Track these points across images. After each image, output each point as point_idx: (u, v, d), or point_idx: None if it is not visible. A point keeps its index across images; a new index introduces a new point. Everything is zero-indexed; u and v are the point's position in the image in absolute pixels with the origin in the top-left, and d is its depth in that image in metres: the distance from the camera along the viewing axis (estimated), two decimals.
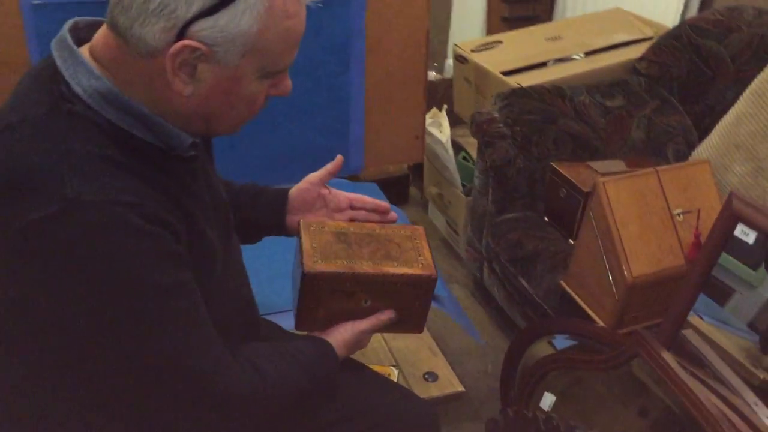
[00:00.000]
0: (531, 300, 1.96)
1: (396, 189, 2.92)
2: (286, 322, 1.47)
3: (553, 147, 2.10)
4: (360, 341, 1.16)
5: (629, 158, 2.15)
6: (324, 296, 1.09)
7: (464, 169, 2.49)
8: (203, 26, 0.82)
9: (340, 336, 1.13)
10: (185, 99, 0.88)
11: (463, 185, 2.49)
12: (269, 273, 1.60)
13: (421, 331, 1.18)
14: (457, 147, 2.63)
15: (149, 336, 0.86)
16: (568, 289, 1.81)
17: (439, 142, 2.33)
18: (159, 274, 0.86)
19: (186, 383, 0.90)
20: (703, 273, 1.43)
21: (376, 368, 1.39)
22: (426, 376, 1.47)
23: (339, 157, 1.20)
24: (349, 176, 2.11)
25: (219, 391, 0.92)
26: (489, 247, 2.15)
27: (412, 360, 1.49)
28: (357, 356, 1.27)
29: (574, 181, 1.93)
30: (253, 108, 0.95)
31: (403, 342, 1.52)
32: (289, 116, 1.93)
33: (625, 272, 1.61)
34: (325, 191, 1.21)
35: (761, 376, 1.69)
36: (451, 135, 2.63)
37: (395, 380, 1.41)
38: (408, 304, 1.15)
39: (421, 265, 1.12)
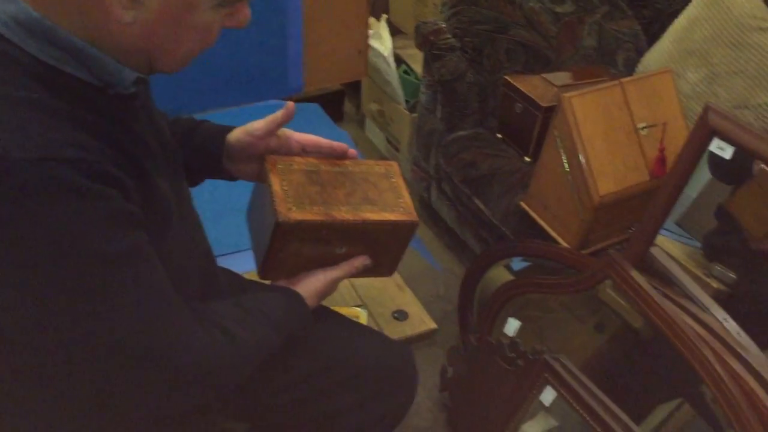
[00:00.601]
0: (487, 222, 1.88)
1: (330, 106, 2.75)
2: (241, 265, 1.34)
3: (506, 58, 1.98)
4: (331, 289, 1.06)
5: (581, 68, 2.06)
6: (296, 245, 0.97)
7: (406, 83, 2.35)
8: None
9: (311, 286, 1.02)
10: (125, 28, 0.71)
11: (406, 101, 2.36)
12: (215, 210, 1.45)
13: (391, 275, 1.08)
14: (397, 60, 2.47)
15: (105, 313, 0.72)
16: (529, 210, 1.74)
17: (381, 55, 2.17)
18: (109, 240, 0.71)
19: (151, 361, 0.77)
20: (675, 190, 1.37)
21: (344, 311, 1.29)
22: (395, 315, 1.38)
23: (290, 105, 1.02)
24: (288, 97, 1.93)
25: (189, 365, 0.80)
26: (439, 167, 2.05)
27: (379, 298, 1.39)
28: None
29: (531, 96, 1.82)
30: (205, 41, 0.80)
31: (368, 279, 1.42)
32: (222, 32, 1.72)
33: (592, 191, 1.55)
34: (273, 141, 1.05)
35: (714, 285, 1.69)
36: (393, 47, 2.47)
37: (365, 322, 1.31)
38: (385, 249, 1.05)
39: (402, 210, 1.01)
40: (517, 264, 1.88)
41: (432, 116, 2.07)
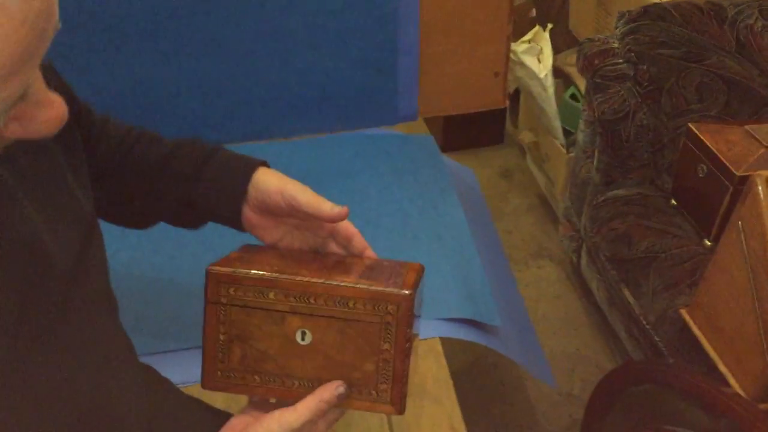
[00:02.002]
0: (637, 320, 1.37)
1: (488, 125, 2.32)
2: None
3: (696, 97, 1.43)
4: None
5: None
6: (236, 320, 0.67)
7: (572, 111, 1.85)
8: None
9: None
10: None
11: (570, 133, 1.86)
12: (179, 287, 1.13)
13: (400, 411, 0.68)
14: (566, 80, 1.97)
15: None
16: (692, 325, 1.21)
17: (536, 76, 1.70)
18: None
19: None
20: None
21: None
22: None
23: (345, 209, 0.71)
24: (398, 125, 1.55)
25: None
26: (587, 232, 1.55)
27: None
28: None
29: (720, 156, 1.27)
30: None
31: (410, 409, 1.01)
32: (310, 43, 1.38)
33: None
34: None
35: None
36: (561, 63, 1.98)
37: None
38: (371, 347, 0.66)
39: (393, 283, 0.64)
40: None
41: (588, 162, 1.58)
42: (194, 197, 0.79)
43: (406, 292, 0.64)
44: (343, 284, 0.66)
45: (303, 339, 0.67)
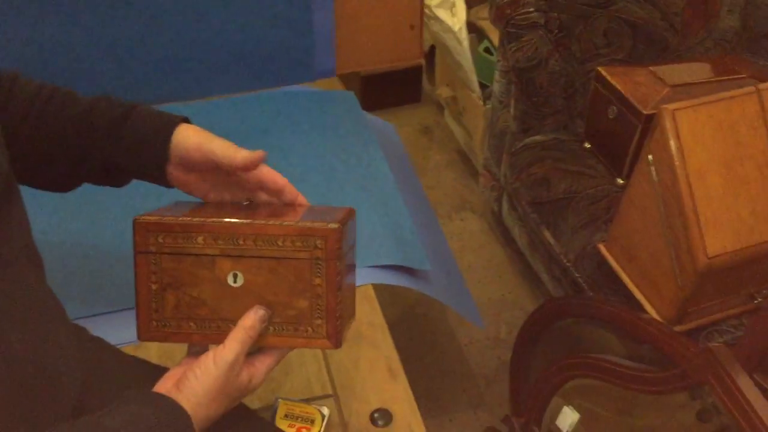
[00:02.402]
0: (558, 260, 1.43)
1: (405, 84, 2.34)
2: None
3: (604, 42, 1.48)
4: (241, 382, 0.66)
5: (711, 59, 1.52)
6: (167, 268, 0.67)
7: (487, 65, 1.89)
8: None
9: (199, 386, 0.64)
10: None
11: (485, 87, 1.90)
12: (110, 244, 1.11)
13: (336, 345, 0.68)
14: (480, 35, 2.01)
15: None
16: (610, 258, 1.27)
17: (450, 30, 1.72)
18: None
19: None
20: None
21: (296, 408, 0.91)
22: (375, 415, 0.99)
23: (258, 154, 0.72)
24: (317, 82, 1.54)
25: None
26: (507, 179, 1.60)
27: (357, 388, 1.00)
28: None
29: (628, 97, 1.33)
30: None
31: (347, 354, 1.03)
32: (222, 1, 1.35)
33: (697, 249, 1.06)
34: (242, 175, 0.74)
35: None
36: (474, 18, 2.01)
37: (320, 428, 0.93)
38: (303, 284, 0.67)
39: (321, 220, 0.66)
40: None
41: (505, 112, 1.62)
42: (116, 158, 0.77)
43: (334, 225, 0.65)
44: (270, 223, 0.66)
45: (235, 281, 0.67)
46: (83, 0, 1.25)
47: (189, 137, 0.74)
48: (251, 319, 0.66)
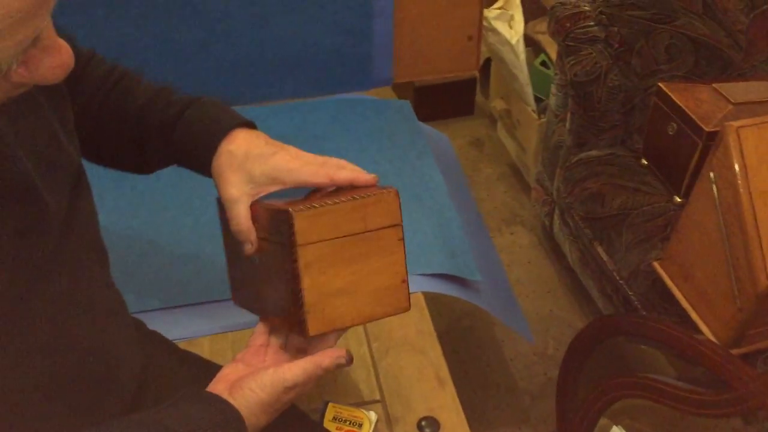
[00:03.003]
0: (610, 277, 1.40)
1: (458, 95, 2.33)
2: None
3: (665, 58, 1.46)
4: (292, 396, 0.67)
5: None
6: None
7: (543, 78, 1.88)
8: None
9: (253, 399, 0.64)
10: None
11: (540, 100, 1.89)
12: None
13: (302, 333, 0.66)
14: (536, 48, 2.00)
15: None
16: (665, 276, 1.24)
17: (507, 42, 1.72)
18: None
19: None
20: None
21: (343, 412, 0.91)
22: (422, 423, 0.99)
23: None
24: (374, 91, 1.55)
25: None
26: (560, 194, 1.58)
27: (405, 393, 1.00)
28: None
29: (690, 114, 1.30)
30: None
31: (396, 360, 1.03)
32: (285, 7, 1.38)
33: (758, 271, 1.03)
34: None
35: None
36: (531, 31, 2.00)
37: None
38: (280, 271, 0.65)
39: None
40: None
41: (561, 126, 1.60)
42: (167, 158, 0.77)
43: (291, 209, 0.60)
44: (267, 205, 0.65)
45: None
46: (153, 3, 1.29)
47: (218, 165, 0.70)
48: (330, 361, 0.64)
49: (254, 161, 0.68)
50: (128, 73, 0.78)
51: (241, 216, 0.68)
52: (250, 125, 0.73)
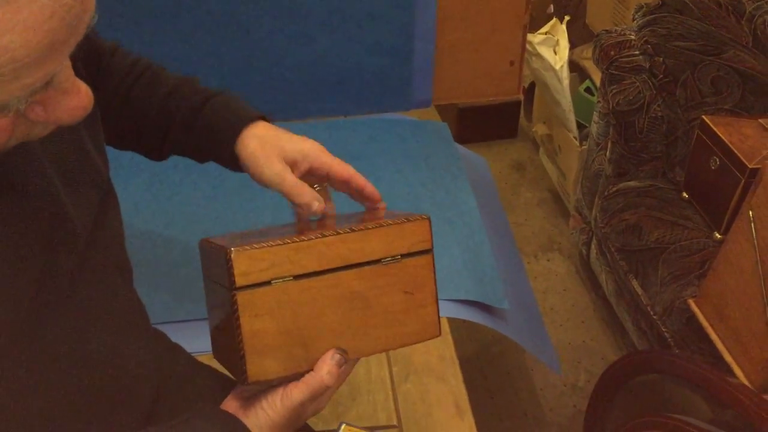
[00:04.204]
0: (645, 312, 1.37)
1: (502, 118, 2.32)
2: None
3: (711, 90, 1.43)
4: (304, 415, 0.67)
5: None
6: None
7: (586, 105, 1.86)
8: None
9: (264, 419, 0.65)
10: None
11: (583, 127, 1.87)
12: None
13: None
14: (582, 74, 1.98)
15: None
16: (699, 315, 1.21)
17: (551, 68, 1.71)
18: None
19: None
20: None
21: None
22: None
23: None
24: (412, 111, 1.56)
25: None
26: (598, 223, 1.56)
27: (423, 421, 0.99)
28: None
29: (733, 148, 1.27)
30: None
31: (415, 385, 1.02)
32: (328, 27, 1.40)
33: None
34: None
35: None
36: (578, 57, 1.98)
37: None
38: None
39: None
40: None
41: (601, 154, 1.58)
42: (190, 148, 0.78)
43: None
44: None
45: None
46: (198, 19, 1.32)
47: (248, 146, 0.72)
48: (327, 365, 0.64)
49: (285, 141, 0.71)
50: (152, 65, 0.80)
51: (296, 183, 0.69)
52: (269, 119, 0.76)
